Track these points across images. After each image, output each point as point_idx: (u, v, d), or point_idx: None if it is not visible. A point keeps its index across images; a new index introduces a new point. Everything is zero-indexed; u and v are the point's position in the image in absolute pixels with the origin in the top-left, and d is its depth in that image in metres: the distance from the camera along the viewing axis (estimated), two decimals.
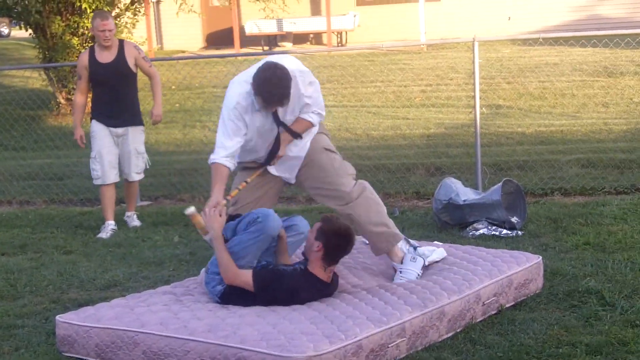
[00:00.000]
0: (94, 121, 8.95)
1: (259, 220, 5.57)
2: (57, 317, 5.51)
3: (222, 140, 5.86)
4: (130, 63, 8.82)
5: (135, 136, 8.99)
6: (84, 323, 5.37)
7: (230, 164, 5.86)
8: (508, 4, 24.78)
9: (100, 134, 8.91)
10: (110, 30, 8.66)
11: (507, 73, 16.83)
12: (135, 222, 9.20)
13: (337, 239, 5.37)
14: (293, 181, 6.23)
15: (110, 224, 8.99)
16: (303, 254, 5.62)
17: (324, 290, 5.45)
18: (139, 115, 9.09)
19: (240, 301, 5.47)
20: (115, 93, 8.82)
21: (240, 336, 4.84)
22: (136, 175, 9.13)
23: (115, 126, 8.89)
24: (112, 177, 9.01)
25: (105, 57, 8.77)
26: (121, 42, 8.87)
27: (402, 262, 6.00)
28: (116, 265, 7.60)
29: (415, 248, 6.24)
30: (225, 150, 5.83)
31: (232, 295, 5.52)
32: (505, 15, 24.72)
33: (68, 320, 5.45)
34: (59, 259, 7.97)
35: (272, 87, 5.56)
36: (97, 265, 7.64)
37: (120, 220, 9.21)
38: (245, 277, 5.42)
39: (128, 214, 9.27)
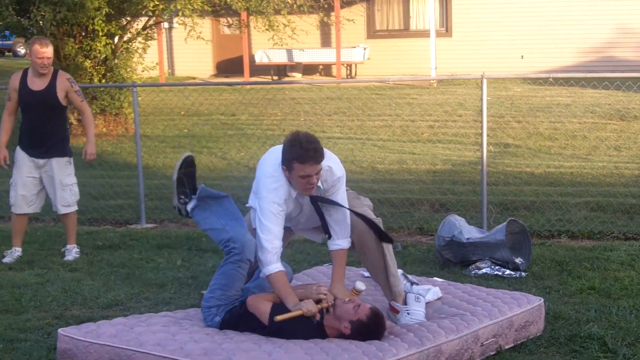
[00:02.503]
0: (17, 148, 8.76)
1: (236, 251, 5.69)
2: (60, 330, 5.60)
3: (271, 242, 5.60)
4: (60, 95, 8.55)
5: (60, 168, 8.74)
6: (85, 338, 5.45)
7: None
8: (521, 42, 24.83)
9: (20, 162, 8.74)
10: (48, 58, 8.46)
11: (517, 112, 16.88)
12: (71, 255, 8.84)
13: (367, 335, 5.32)
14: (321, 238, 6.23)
15: (17, 250, 8.88)
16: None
17: (323, 339, 5.43)
18: (64, 146, 8.82)
19: (240, 328, 5.55)
20: (40, 122, 8.60)
21: None
22: (63, 208, 8.84)
23: (36, 157, 8.70)
24: (24, 208, 8.82)
25: (37, 84, 8.54)
26: (55, 72, 8.60)
27: (405, 303, 5.92)
28: (119, 285, 7.66)
29: (412, 284, 6.29)
30: (278, 253, 5.63)
31: (230, 325, 5.61)
32: (519, 53, 24.79)
33: (69, 334, 5.53)
34: (64, 276, 8.06)
35: (304, 143, 5.44)
36: (101, 284, 7.72)
37: (123, 243, 9.29)
38: (264, 308, 5.49)
39: (68, 246, 8.98)
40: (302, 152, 5.42)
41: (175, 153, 14.92)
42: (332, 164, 5.73)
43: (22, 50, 36.56)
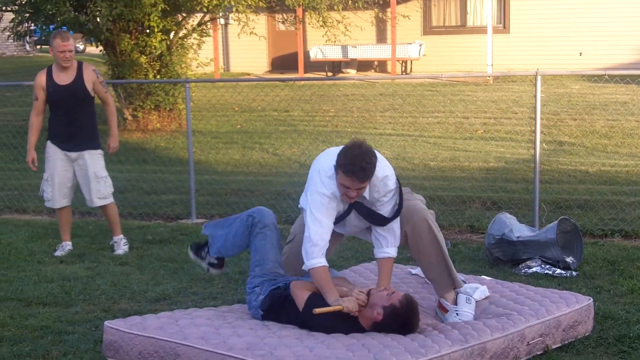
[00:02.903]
0: (48, 142, 8.77)
1: (255, 220, 5.94)
2: (106, 323, 5.67)
3: (319, 235, 5.58)
4: (88, 86, 8.57)
5: (93, 160, 8.73)
6: (130, 330, 5.51)
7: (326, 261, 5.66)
8: (580, 39, 24.51)
9: (54, 156, 8.73)
10: (70, 51, 8.43)
11: (573, 109, 16.68)
12: (120, 249, 8.90)
13: (399, 321, 5.31)
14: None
15: (67, 245, 8.94)
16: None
17: (358, 332, 5.39)
18: (96, 139, 8.81)
19: (281, 313, 5.59)
20: (71, 116, 8.61)
21: (277, 357, 4.90)
22: (98, 201, 8.80)
23: (69, 150, 8.69)
24: (62, 202, 8.83)
25: (63, 78, 8.55)
26: (80, 64, 8.60)
27: (456, 303, 5.86)
28: (167, 279, 7.71)
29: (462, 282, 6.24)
30: (324, 248, 5.60)
31: (272, 307, 5.66)
32: (577, 50, 24.48)
33: (115, 326, 5.60)
34: (114, 269, 8.14)
35: (354, 159, 5.38)
36: (150, 278, 7.77)
37: (173, 237, 9.35)
38: (303, 295, 5.51)
39: (115, 239, 9.02)
40: (350, 166, 5.36)
41: (227, 149, 14.98)
42: (388, 173, 5.67)
43: (80, 46, 37.02)
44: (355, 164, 5.35)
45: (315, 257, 5.55)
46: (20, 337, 6.08)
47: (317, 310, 5.34)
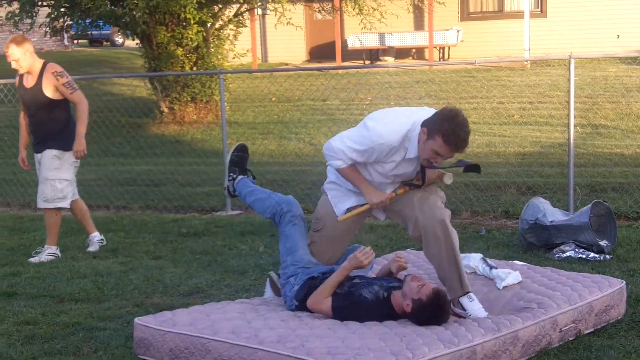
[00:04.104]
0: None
1: (284, 210, 6.01)
2: (136, 320, 5.63)
3: (349, 156, 5.57)
4: (47, 91, 8.31)
5: (44, 161, 8.42)
6: (161, 327, 5.47)
7: None
8: (617, 22, 24.22)
9: (34, 159, 8.62)
10: (15, 60, 8.23)
11: (610, 92, 16.49)
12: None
13: (428, 314, 5.26)
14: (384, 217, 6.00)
15: (94, 237, 8.87)
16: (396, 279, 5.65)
17: (395, 319, 5.39)
18: (57, 140, 8.40)
19: None
20: (35, 118, 8.43)
21: (308, 349, 4.85)
22: (41, 203, 8.49)
23: (35, 151, 8.55)
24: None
25: (29, 81, 8.39)
26: (44, 66, 8.35)
27: (464, 308, 5.65)
28: (201, 272, 7.72)
29: (491, 268, 6.18)
30: (350, 161, 5.59)
31: (308, 296, 5.62)
32: (615, 33, 24.19)
33: (145, 323, 5.56)
34: (147, 264, 8.15)
35: (458, 128, 5.22)
36: (183, 271, 7.78)
37: (208, 230, 9.38)
38: (325, 307, 5.48)
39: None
40: (453, 136, 5.20)
41: (263, 139, 15.00)
42: None
43: (119, 40, 37.25)
44: (460, 135, 5.20)
45: (342, 162, 5.59)
46: (52, 334, 6.08)
47: (341, 218, 5.70)
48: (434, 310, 5.25)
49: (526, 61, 21.62)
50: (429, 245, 5.64)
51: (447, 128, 5.17)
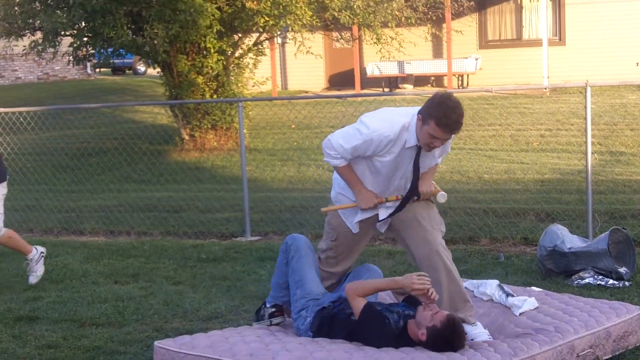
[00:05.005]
0: None
1: (289, 244, 6.07)
2: (155, 343, 5.70)
3: (346, 150, 5.72)
4: None
5: None
6: (180, 350, 5.53)
7: None
8: (636, 49, 24.26)
9: None
10: None
11: (631, 119, 16.51)
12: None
13: (443, 342, 5.28)
14: (385, 216, 6.09)
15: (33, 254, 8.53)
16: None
17: (410, 345, 5.41)
18: None
19: (331, 332, 5.60)
20: None
21: None
22: None
23: None
24: None
25: None
26: None
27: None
28: (220, 297, 7.76)
29: (507, 295, 6.20)
30: (346, 159, 5.76)
31: (322, 327, 5.66)
32: (634, 60, 24.22)
33: (165, 346, 5.63)
34: (167, 289, 8.19)
35: (450, 111, 5.41)
36: (202, 296, 7.82)
37: (227, 255, 9.46)
38: (358, 304, 5.51)
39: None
40: (445, 119, 5.40)
41: (282, 166, 15.08)
42: None
43: (142, 68, 37.55)
44: (451, 117, 5.40)
45: (337, 158, 5.76)
46: (73, 358, 6.15)
47: (324, 210, 6.04)
48: (449, 337, 5.26)
49: (545, 89, 21.66)
50: (426, 271, 5.70)
51: (439, 112, 5.41)
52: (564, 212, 10.33)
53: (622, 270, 7.60)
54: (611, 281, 7.48)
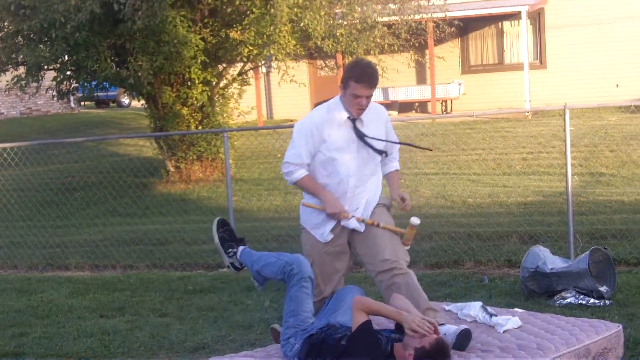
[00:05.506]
0: None
1: (294, 271, 5.93)
2: None
3: (296, 156, 6.17)
4: None
5: None
6: None
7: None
8: (616, 71, 24.50)
9: None
10: None
11: (611, 141, 16.65)
12: None
13: None
14: (363, 228, 6.27)
15: None
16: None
17: None
18: None
19: (319, 357, 5.62)
20: None
21: None
22: None
23: None
24: None
25: None
26: None
27: None
28: (207, 328, 7.81)
29: (491, 315, 6.27)
30: (300, 164, 6.17)
31: (310, 353, 5.67)
32: (614, 82, 24.45)
33: None
34: (153, 321, 8.23)
35: (364, 67, 6.04)
36: (189, 328, 7.87)
37: (214, 286, 9.49)
38: (359, 317, 5.53)
39: None
40: (360, 73, 5.99)
41: (269, 195, 15.13)
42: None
43: (126, 101, 37.58)
44: (365, 71, 6.02)
45: (296, 172, 6.18)
46: None
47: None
48: (436, 358, 5.33)
49: (527, 112, 21.82)
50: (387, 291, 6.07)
51: (354, 70, 6.05)
52: (546, 234, 10.42)
53: (603, 289, 7.70)
54: (592, 300, 7.58)
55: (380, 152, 6.26)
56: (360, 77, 5.97)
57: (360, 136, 6.15)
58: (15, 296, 9.83)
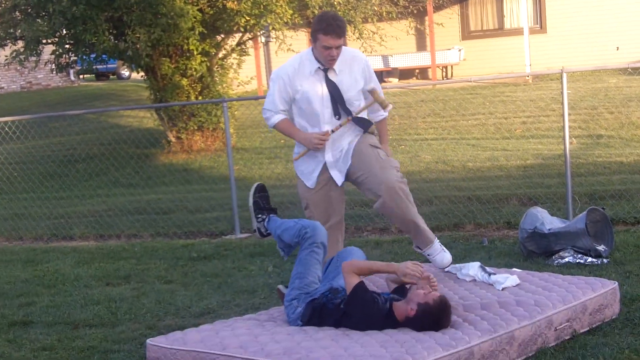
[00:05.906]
0: None
1: (308, 235, 6.06)
2: (148, 341, 5.82)
3: (271, 103, 6.54)
4: None
5: None
6: (172, 346, 5.65)
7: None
8: (616, 34, 24.47)
9: None
10: None
11: (610, 103, 16.69)
12: None
13: (431, 319, 5.45)
14: (342, 181, 6.60)
15: None
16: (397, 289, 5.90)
17: (395, 327, 5.57)
18: None
19: (320, 321, 5.75)
20: None
21: (313, 359, 5.05)
22: None
23: None
24: None
25: None
26: None
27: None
28: (211, 294, 7.90)
29: (489, 274, 6.38)
30: (279, 112, 6.54)
31: (312, 317, 5.81)
32: (614, 45, 24.43)
33: (157, 343, 5.75)
34: (159, 288, 8.32)
35: (330, 18, 6.29)
36: (194, 293, 7.96)
37: (217, 253, 9.60)
38: (352, 281, 5.69)
39: None
40: (326, 25, 6.24)
41: (270, 164, 15.22)
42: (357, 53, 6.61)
43: (126, 73, 37.56)
44: (331, 23, 6.26)
45: (272, 116, 6.59)
46: (68, 358, 6.26)
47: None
48: (438, 315, 5.43)
49: (528, 76, 21.85)
50: (390, 212, 6.49)
51: (321, 23, 6.30)
52: (545, 196, 10.51)
53: (601, 248, 7.78)
54: (590, 259, 7.66)
55: (350, 103, 6.48)
56: (327, 29, 6.22)
57: (333, 86, 6.41)
58: (22, 267, 9.92)
